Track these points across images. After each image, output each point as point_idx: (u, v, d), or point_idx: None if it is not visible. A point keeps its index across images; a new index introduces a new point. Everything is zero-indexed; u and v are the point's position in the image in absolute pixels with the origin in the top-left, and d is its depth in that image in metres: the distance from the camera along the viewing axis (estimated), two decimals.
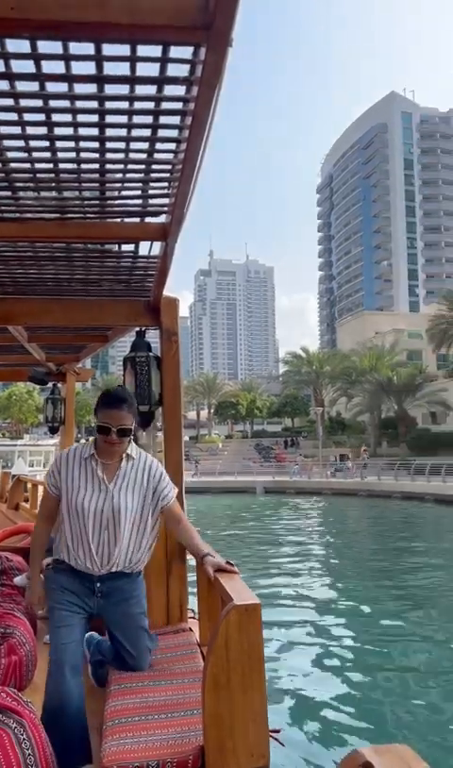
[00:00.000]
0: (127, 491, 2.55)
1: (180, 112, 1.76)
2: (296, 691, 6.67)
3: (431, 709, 6.39)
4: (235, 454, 55.22)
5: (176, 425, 3.33)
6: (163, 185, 2.16)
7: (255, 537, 19.68)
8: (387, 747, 0.94)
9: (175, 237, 2.38)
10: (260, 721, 1.98)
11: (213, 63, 1.41)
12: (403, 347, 58.00)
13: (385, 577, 13.60)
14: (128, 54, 1.50)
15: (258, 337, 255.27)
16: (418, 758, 0.91)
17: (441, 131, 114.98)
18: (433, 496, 29.29)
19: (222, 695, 1.95)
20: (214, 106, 1.59)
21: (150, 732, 2.11)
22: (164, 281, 2.97)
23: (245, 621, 1.99)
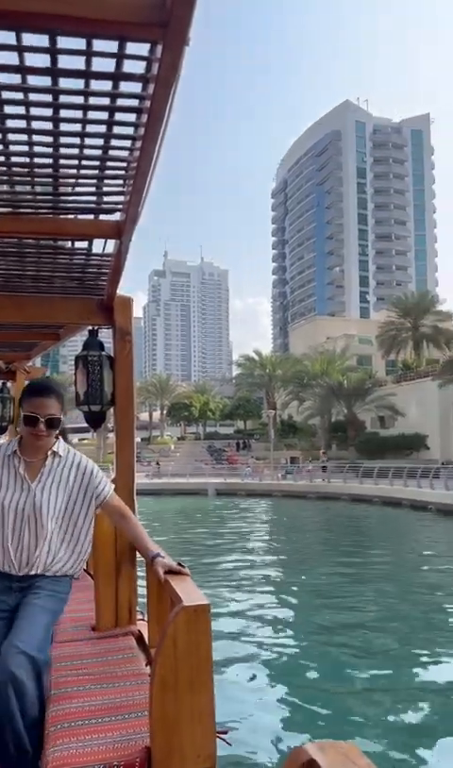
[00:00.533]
0: (51, 489, 2.46)
1: (136, 110, 1.75)
2: (245, 690, 6.71)
3: (376, 707, 6.52)
4: (187, 456, 55.15)
5: (129, 426, 3.29)
6: (118, 182, 2.14)
7: (206, 538, 19.69)
8: (331, 744, 0.95)
9: (129, 235, 2.36)
10: (207, 722, 1.98)
11: (170, 61, 1.41)
12: (353, 352, 59.16)
13: (333, 577, 13.80)
14: (84, 48, 1.48)
15: (211, 339, 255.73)
16: (361, 754, 0.92)
17: (393, 141, 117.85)
18: (380, 498, 29.92)
19: (169, 696, 1.94)
20: (170, 104, 1.59)
21: (95, 736, 2.08)
22: (118, 280, 2.94)
23: (194, 622, 1.99)
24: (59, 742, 2.03)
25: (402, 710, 6.43)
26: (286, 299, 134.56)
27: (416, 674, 7.59)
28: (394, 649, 8.58)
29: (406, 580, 13.52)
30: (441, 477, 27.92)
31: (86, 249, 2.74)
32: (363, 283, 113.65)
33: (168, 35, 1.32)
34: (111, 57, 1.54)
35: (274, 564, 15.82)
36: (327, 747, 0.93)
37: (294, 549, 18.95)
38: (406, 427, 47.37)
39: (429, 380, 44.47)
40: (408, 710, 6.43)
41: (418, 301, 56.54)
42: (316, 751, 0.91)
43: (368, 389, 47.69)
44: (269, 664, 7.72)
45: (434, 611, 10.69)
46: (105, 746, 2.02)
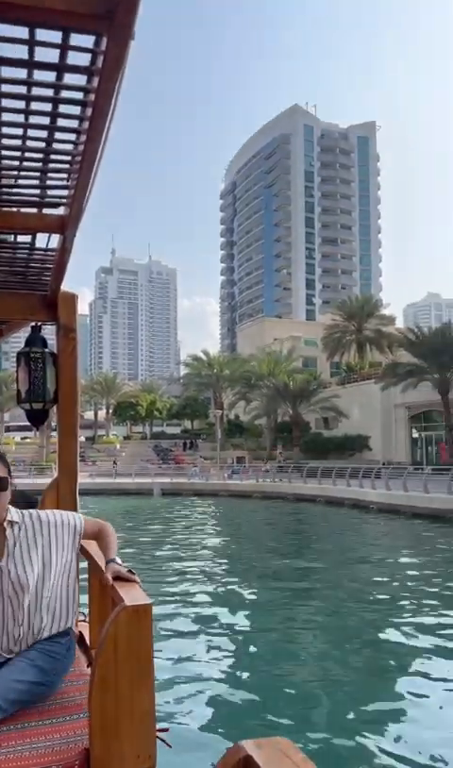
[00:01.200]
0: (24, 560, 2.31)
1: (80, 102, 1.73)
2: (186, 689, 6.71)
3: (315, 703, 6.62)
4: (133, 455, 54.70)
5: (72, 425, 3.24)
6: (62, 176, 2.10)
7: (150, 538, 19.57)
8: (267, 740, 0.96)
9: (73, 230, 2.33)
10: (147, 721, 1.97)
11: (115, 54, 1.40)
12: (299, 354, 59.99)
13: (276, 575, 13.96)
14: (27, 37, 1.45)
15: (159, 338, 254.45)
16: (296, 749, 0.94)
17: (340, 146, 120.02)
18: (324, 498, 30.43)
19: (109, 697, 1.93)
20: (116, 98, 1.58)
21: (33, 740, 2.04)
22: (62, 276, 2.89)
23: (135, 621, 1.98)
24: (1, 745, 1.99)
25: (340, 706, 6.56)
26: (234, 300, 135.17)
27: (356, 669, 7.75)
28: (334, 645, 8.74)
29: (345, 576, 13.79)
30: (382, 477, 28.60)
31: (29, 243, 2.68)
32: (310, 286, 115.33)
33: (113, 27, 1.30)
34: (55, 47, 1.51)
35: (217, 563, 15.87)
36: (263, 744, 0.95)
37: (238, 548, 19.06)
38: (349, 428, 48.36)
39: (372, 383, 45.52)
40: (346, 706, 6.55)
41: (362, 305, 57.86)
42: (252, 747, 0.93)
43: (313, 390, 48.46)
44: (210, 663, 7.74)
45: (374, 605, 10.94)
46: (43, 750, 1.98)
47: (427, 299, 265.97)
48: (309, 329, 70.53)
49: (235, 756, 0.93)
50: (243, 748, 0.93)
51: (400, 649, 8.38)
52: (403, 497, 25.05)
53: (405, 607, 10.78)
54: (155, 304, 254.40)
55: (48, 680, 2.28)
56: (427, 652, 8.17)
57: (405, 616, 10.14)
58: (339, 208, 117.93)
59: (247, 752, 0.92)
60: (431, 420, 43.96)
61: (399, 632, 9.12)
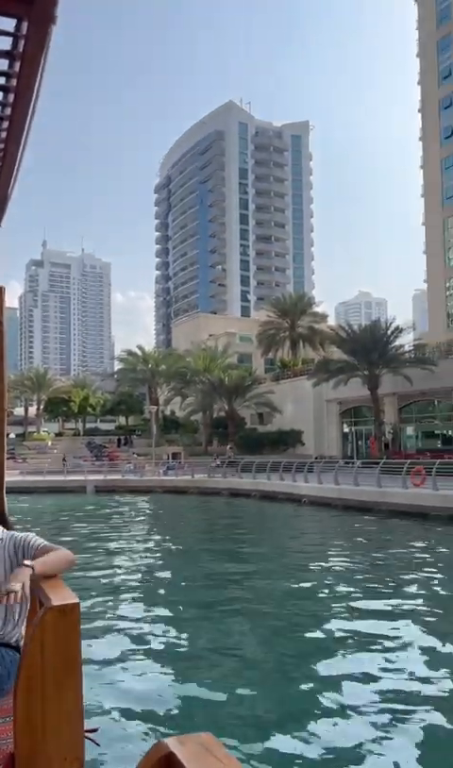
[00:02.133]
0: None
1: (3, 88, 1.67)
2: (115, 689, 6.66)
3: (241, 699, 6.69)
4: (65, 452, 53.60)
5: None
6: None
7: (82, 536, 19.25)
8: (189, 737, 0.96)
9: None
10: (75, 723, 1.94)
11: (37, 39, 1.36)
12: (234, 350, 60.43)
13: (208, 569, 14.03)
14: None
15: (92, 333, 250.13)
16: (220, 744, 0.94)
17: (274, 145, 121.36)
18: (258, 492, 30.78)
19: (35, 699, 1.89)
20: (39, 83, 1.54)
21: None
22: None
23: (62, 621, 1.94)
24: None
25: (265, 702, 6.65)
26: (169, 295, 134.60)
27: (283, 665, 7.88)
28: (261, 640, 8.86)
29: (278, 567, 14.02)
30: (314, 472, 29.19)
31: None
32: (244, 282, 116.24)
33: (34, 11, 1.27)
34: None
35: (150, 560, 15.80)
36: (185, 740, 0.95)
37: (173, 543, 19.03)
38: (283, 424, 49.11)
39: (305, 379, 46.36)
40: (271, 702, 6.66)
41: (295, 302, 58.80)
42: (175, 744, 0.93)
43: (248, 386, 48.91)
44: (140, 661, 7.71)
45: (303, 597, 11.16)
46: None
47: (358, 297, 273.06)
48: (243, 326, 71.13)
49: (157, 753, 0.93)
50: (166, 745, 0.93)
51: (327, 636, 8.59)
52: (334, 490, 25.66)
53: (331, 593, 11.05)
54: (88, 298, 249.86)
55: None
56: (352, 638, 8.41)
57: (331, 603, 10.41)
58: (273, 205, 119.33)
59: (169, 749, 0.92)
60: (361, 415, 45.22)
61: (324, 620, 9.36)
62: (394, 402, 41.58)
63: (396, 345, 39.16)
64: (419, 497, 21.75)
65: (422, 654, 7.85)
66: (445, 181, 54.44)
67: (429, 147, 56.61)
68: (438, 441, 40.52)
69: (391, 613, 9.71)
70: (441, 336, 50.20)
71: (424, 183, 57.49)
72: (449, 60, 54.73)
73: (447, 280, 54.40)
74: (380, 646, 8.10)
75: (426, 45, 58.09)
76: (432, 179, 55.81)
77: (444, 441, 39.80)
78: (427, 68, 57.64)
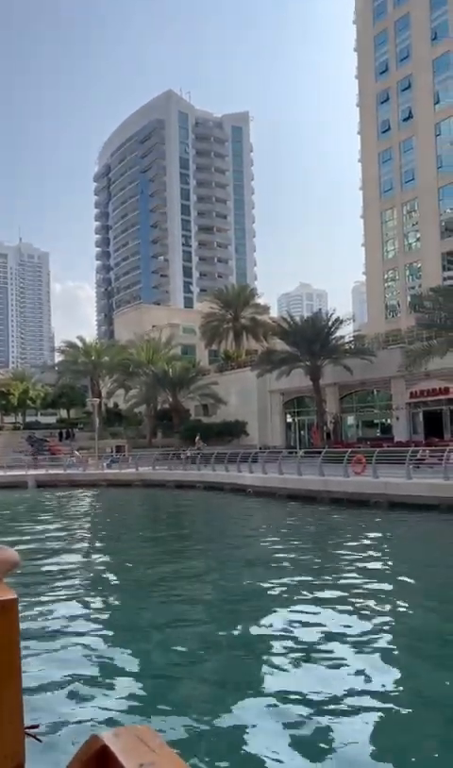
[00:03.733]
0: None
1: None
2: (56, 685, 6.62)
3: (179, 690, 6.78)
4: (5, 447, 52.28)
5: None
6: None
7: (21, 533, 18.89)
8: (125, 728, 0.97)
9: None
10: (15, 720, 1.93)
11: None
12: (178, 341, 60.23)
13: (151, 560, 14.05)
14: None
15: (31, 324, 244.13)
16: (156, 735, 0.95)
17: (215, 135, 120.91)
18: (204, 483, 30.93)
19: None
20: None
21: None
22: None
23: (0, 617, 1.92)
24: None
25: (208, 690, 6.75)
26: (111, 285, 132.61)
27: (225, 648, 8.00)
28: (206, 629, 8.96)
29: (223, 555, 14.17)
30: (258, 462, 29.53)
31: None
32: (187, 273, 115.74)
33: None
34: None
35: (94, 554, 15.69)
36: (120, 732, 0.95)
37: (117, 536, 18.94)
38: (227, 415, 49.39)
39: (248, 370, 46.72)
40: (215, 689, 6.76)
41: (238, 294, 59.09)
42: (109, 737, 0.93)
43: (192, 377, 48.90)
44: (81, 656, 7.68)
45: (249, 583, 11.33)
46: None
47: (300, 289, 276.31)
48: (187, 317, 70.95)
49: (91, 747, 0.94)
50: (100, 738, 0.94)
51: (268, 624, 8.76)
52: (278, 480, 26.03)
53: (276, 580, 11.26)
54: (26, 288, 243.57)
55: None
56: (291, 622, 8.61)
57: (272, 587, 10.61)
58: (214, 196, 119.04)
59: (103, 742, 0.93)
60: (304, 405, 45.97)
61: (266, 608, 9.55)
62: (336, 392, 42.45)
63: (337, 337, 39.94)
64: (360, 485, 22.33)
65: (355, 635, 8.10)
66: (383, 175, 55.65)
67: (367, 141, 57.68)
68: (377, 430, 41.66)
69: (331, 598, 9.97)
70: (379, 327, 51.54)
71: (362, 176, 58.59)
72: (385, 56, 55.79)
73: (385, 272, 55.76)
74: (317, 631, 8.31)
75: (362, 40, 59.03)
76: (370, 173, 56.96)
77: (383, 429, 40.95)
78: (365, 62, 58.62)
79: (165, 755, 0.89)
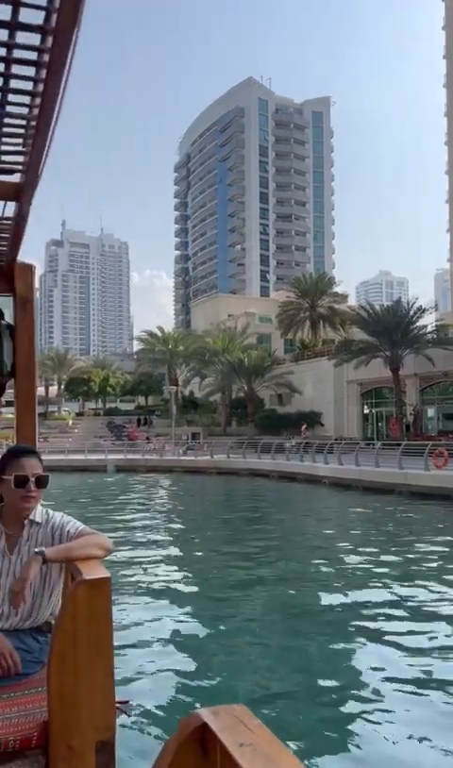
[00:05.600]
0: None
1: (34, 63, 1.66)
2: (145, 661, 6.79)
3: (269, 673, 6.80)
4: (86, 432, 54.20)
5: (30, 400, 3.18)
6: (17, 141, 2.02)
7: (105, 513, 19.53)
8: (223, 708, 0.98)
9: (29, 198, 2.25)
10: (106, 694, 1.99)
11: (68, 12, 1.35)
12: (254, 330, 60.22)
13: (233, 546, 14.18)
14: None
15: (111, 313, 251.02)
16: (252, 715, 0.95)
17: (295, 122, 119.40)
18: (278, 473, 30.90)
19: (68, 671, 1.94)
20: (71, 59, 1.52)
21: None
22: (18, 245, 2.80)
23: (94, 595, 1.98)
24: None
25: (294, 675, 6.75)
26: (188, 275, 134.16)
27: (308, 638, 7.98)
28: (288, 614, 8.97)
29: (297, 546, 14.12)
30: (334, 453, 29.19)
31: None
32: (264, 262, 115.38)
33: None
34: (7, 3, 1.45)
35: (173, 537, 16.00)
36: (219, 711, 0.96)
37: (194, 521, 19.24)
38: (302, 405, 49.04)
39: (325, 360, 46.14)
40: (299, 675, 6.76)
41: (316, 282, 58.31)
42: (208, 715, 0.94)
43: (267, 367, 48.81)
44: (168, 635, 7.84)
45: (322, 574, 11.24)
46: (1, 723, 2.00)
47: (379, 277, 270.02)
48: (263, 306, 70.76)
49: (191, 724, 0.95)
50: (199, 716, 0.94)
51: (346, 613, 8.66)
52: (355, 471, 25.64)
53: (350, 574, 11.12)
54: (107, 278, 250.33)
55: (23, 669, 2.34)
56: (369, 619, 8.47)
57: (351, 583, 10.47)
58: (293, 183, 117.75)
59: (203, 720, 0.93)
60: (382, 396, 44.96)
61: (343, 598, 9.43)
62: (416, 383, 41.25)
63: (419, 326, 38.72)
64: (441, 479, 21.66)
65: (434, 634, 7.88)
66: None
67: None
68: None
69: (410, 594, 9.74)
70: None
71: (448, 160, 56.35)
72: None
73: None
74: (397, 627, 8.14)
75: (452, 18, 56.54)
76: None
77: None
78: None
79: (264, 735, 0.88)
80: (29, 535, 2.45)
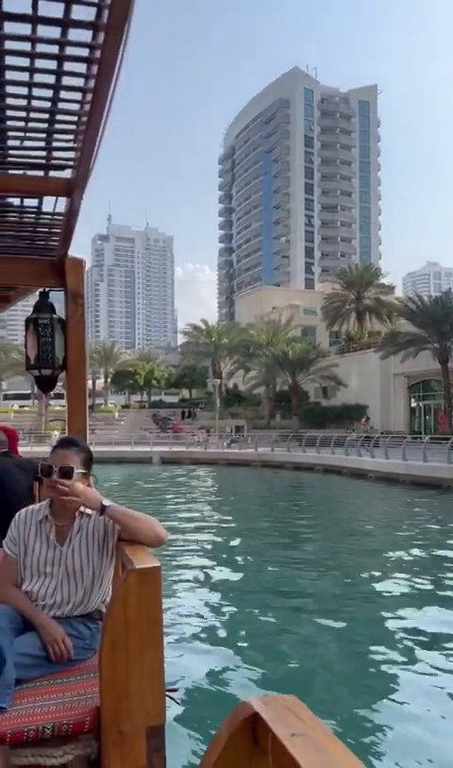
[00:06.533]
0: (81, 550, 2.46)
1: (86, 59, 1.68)
2: (194, 650, 6.88)
3: (318, 663, 6.80)
4: (132, 424, 54.94)
5: (81, 392, 3.25)
6: (69, 137, 2.06)
7: (151, 504, 19.78)
8: (274, 697, 0.97)
9: (80, 193, 2.29)
10: (156, 681, 2.02)
11: (120, 9, 1.36)
12: (298, 323, 59.74)
13: (274, 539, 14.18)
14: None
15: (156, 306, 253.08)
16: (304, 706, 0.94)
17: (341, 111, 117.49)
18: (322, 467, 30.68)
19: (119, 658, 1.97)
20: (122, 55, 1.54)
21: (46, 697, 2.11)
22: (69, 241, 2.86)
23: (144, 584, 2.01)
24: (13, 702, 2.06)
25: (344, 666, 6.73)
26: (232, 268, 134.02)
27: (357, 630, 7.93)
28: (334, 607, 8.92)
29: (343, 541, 14.01)
30: (380, 446, 28.79)
31: (36, 207, 2.64)
32: (309, 254, 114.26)
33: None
34: (60, 0, 1.47)
35: (218, 528, 16.09)
36: (270, 701, 0.95)
37: (239, 513, 19.30)
38: (347, 398, 48.48)
39: (371, 352, 45.45)
40: (349, 666, 6.73)
41: (362, 273, 57.37)
42: (260, 705, 0.93)
43: (312, 359, 48.40)
44: (216, 625, 7.92)
45: (369, 569, 11.13)
46: (56, 707, 2.05)
47: (427, 268, 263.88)
48: (308, 298, 70.10)
49: (242, 713, 0.94)
50: (250, 706, 0.93)
51: (394, 606, 8.56)
52: (402, 466, 25.24)
53: (396, 568, 10.97)
54: (152, 272, 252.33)
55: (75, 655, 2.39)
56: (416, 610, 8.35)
57: (396, 579, 10.33)
58: (339, 174, 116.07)
59: (254, 709, 0.92)
60: (430, 389, 44.02)
61: (388, 590, 9.33)
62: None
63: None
64: None
65: None
66: None
67: None
68: None
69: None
70: None
71: None
72: None
73: None
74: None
75: None
76: None
77: None
78: None
79: (316, 726, 0.88)
80: (80, 526, 2.49)
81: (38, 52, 1.66)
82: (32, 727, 1.95)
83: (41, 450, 19.31)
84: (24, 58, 1.69)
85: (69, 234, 2.77)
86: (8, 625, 2.27)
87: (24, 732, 1.94)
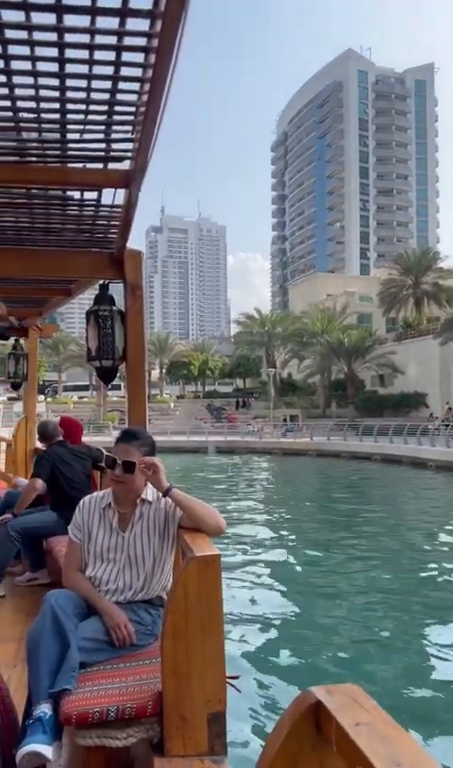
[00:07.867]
0: (143, 537, 2.51)
1: (144, 49, 1.68)
2: (254, 638, 6.93)
3: (380, 653, 6.74)
4: (187, 414, 55.41)
5: (140, 382, 3.28)
6: (127, 128, 2.06)
7: (208, 493, 19.95)
8: (337, 687, 0.96)
9: (138, 185, 2.30)
10: (217, 668, 2.04)
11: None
12: (354, 310, 58.74)
13: (333, 530, 14.09)
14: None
15: (210, 297, 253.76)
16: (368, 696, 0.94)
17: (396, 92, 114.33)
18: (380, 456, 30.23)
19: (180, 644, 1.99)
20: (179, 42, 1.53)
21: (109, 681, 2.16)
22: (128, 232, 2.88)
23: (204, 571, 2.02)
24: (78, 684, 2.12)
25: (404, 656, 6.65)
26: (285, 256, 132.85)
27: (416, 621, 7.81)
28: (393, 597, 8.82)
29: (403, 533, 13.79)
30: (441, 435, 28.12)
31: (95, 200, 2.66)
32: (364, 239, 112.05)
33: None
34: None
35: (276, 517, 16.11)
36: (333, 690, 0.95)
37: (297, 503, 19.25)
38: (405, 386, 47.50)
39: (430, 338, 44.34)
40: (410, 657, 6.65)
41: (419, 258, 55.81)
42: (323, 694, 0.93)
43: (368, 347, 47.59)
44: (276, 613, 7.95)
45: (431, 560, 10.92)
46: (119, 690, 2.09)
47: None
48: (363, 284, 68.77)
49: (305, 702, 0.94)
50: (314, 694, 0.93)
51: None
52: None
53: None
54: (205, 262, 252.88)
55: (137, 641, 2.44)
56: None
57: None
58: (394, 157, 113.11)
59: (318, 698, 0.92)
60: None
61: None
62: None
63: None
64: None
65: None
66: None
67: None
68: None
69: None
70: None
71: None
72: None
73: None
74: None
75: None
76: None
77: None
78: None
79: (380, 716, 0.88)
80: (141, 513, 2.53)
81: (97, 43, 1.67)
82: (97, 709, 2.00)
83: (100, 440, 19.73)
84: (83, 51, 1.71)
85: (127, 226, 2.79)
86: (73, 610, 2.33)
87: (88, 714, 1.99)
